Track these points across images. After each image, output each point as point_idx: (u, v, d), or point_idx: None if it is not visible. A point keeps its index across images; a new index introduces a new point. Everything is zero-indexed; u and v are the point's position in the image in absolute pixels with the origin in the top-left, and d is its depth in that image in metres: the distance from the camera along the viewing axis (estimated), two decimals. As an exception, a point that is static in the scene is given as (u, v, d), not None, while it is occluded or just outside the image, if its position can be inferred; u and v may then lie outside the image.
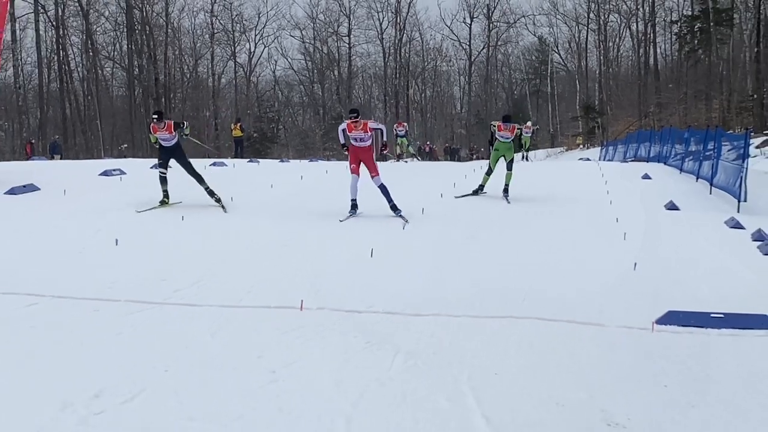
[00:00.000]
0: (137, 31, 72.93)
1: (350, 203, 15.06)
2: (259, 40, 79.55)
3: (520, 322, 8.25)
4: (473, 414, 5.82)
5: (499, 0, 78.56)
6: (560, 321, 8.27)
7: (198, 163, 25.71)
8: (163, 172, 15.39)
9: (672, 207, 16.92)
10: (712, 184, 20.58)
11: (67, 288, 9.20)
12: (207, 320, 8.22)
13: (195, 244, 12.17)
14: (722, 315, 8.36)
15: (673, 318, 8.30)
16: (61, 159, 39.50)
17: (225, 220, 14.15)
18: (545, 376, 6.71)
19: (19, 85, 67.18)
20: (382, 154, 15.07)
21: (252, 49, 79.61)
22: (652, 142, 34.92)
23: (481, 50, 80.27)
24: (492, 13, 79.04)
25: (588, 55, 78.23)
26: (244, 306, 8.81)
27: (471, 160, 48.12)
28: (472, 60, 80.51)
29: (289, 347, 7.35)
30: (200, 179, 15.60)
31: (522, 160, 31.81)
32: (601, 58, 76.87)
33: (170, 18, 75.02)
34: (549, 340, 7.72)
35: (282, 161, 31.99)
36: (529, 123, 43.29)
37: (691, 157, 24.59)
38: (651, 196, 18.36)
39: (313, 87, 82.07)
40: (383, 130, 16.18)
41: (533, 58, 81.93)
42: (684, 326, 8.12)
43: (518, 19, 79.07)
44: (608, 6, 75.21)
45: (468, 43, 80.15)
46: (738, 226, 14.49)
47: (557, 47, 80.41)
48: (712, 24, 62.81)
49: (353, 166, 15.20)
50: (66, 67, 70.89)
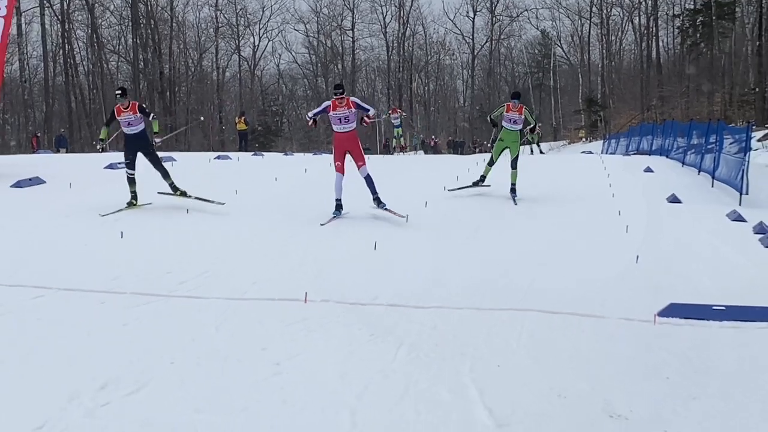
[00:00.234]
0: (142, 25, 72.79)
1: (334, 203, 14.04)
2: (264, 34, 79.40)
3: (522, 314, 8.26)
4: (475, 406, 5.83)
5: (502, -7, 78.58)
6: (562, 313, 8.28)
7: (203, 156, 25.80)
8: (131, 173, 14.28)
9: (674, 200, 16.90)
10: (713, 177, 20.55)
11: (72, 280, 9.22)
12: (212, 313, 8.23)
13: (200, 236, 12.17)
14: (724, 307, 8.37)
15: (674, 310, 8.31)
16: (67, 152, 39.49)
17: (230, 213, 14.14)
18: (547, 367, 6.72)
19: (25, 78, 67.10)
20: (362, 124, 15.12)
21: (256, 43, 79.49)
22: (655, 135, 34.84)
23: (484, 44, 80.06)
24: (495, 7, 78.80)
25: (590, 48, 77.97)
26: (249, 298, 8.83)
27: (474, 153, 48.00)
28: (475, 54, 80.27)
29: (293, 339, 7.37)
30: (166, 174, 14.57)
31: (531, 154, 31.65)
32: (604, 51, 76.60)
33: (175, 12, 74.92)
34: (551, 333, 7.73)
35: (286, 154, 31.91)
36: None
37: (693, 151, 24.54)
38: (653, 189, 18.32)
39: (316, 80, 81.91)
40: (369, 111, 15.39)
41: (536, 51, 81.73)
42: (685, 318, 8.14)
43: (521, 13, 78.81)
44: (611, 0, 75.09)
45: (471, 37, 79.92)
46: (740, 218, 14.48)
47: (560, 41, 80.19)
48: (714, 17, 62.61)
49: (338, 164, 14.26)
50: (71, 60, 70.80)
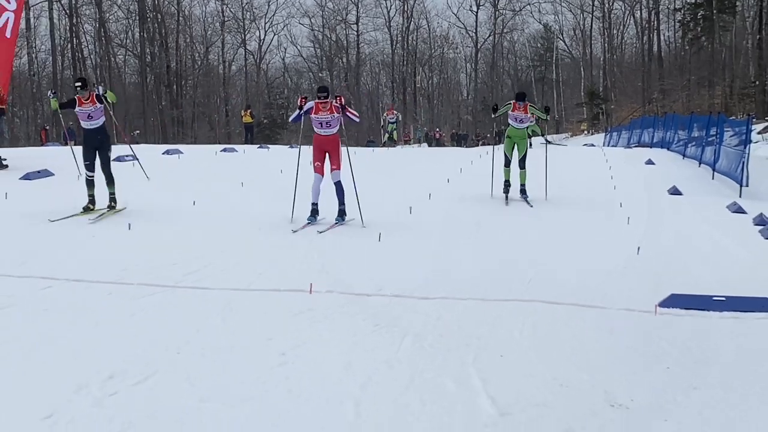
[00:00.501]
0: (149, 19, 72.82)
1: (310, 208, 12.80)
2: (269, 28, 79.44)
3: (525, 305, 8.26)
4: (479, 395, 5.83)
5: (505, -12, 78.46)
6: (564, 304, 8.28)
7: (210, 148, 25.83)
8: (90, 175, 13.20)
9: (675, 192, 16.90)
10: (714, 170, 20.56)
11: (80, 271, 9.22)
12: (218, 303, 8.23)
13: (206, 228, 12.17)
14: (724, 298, 8.36)
15: (675, 301, 8.31)
16: (75, 145, 39.42)
17: (236, 205, 14.15)
18: (549, 357, 6.71)
19: (34, 72, 67.24)
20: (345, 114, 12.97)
21: (262, 37, 79.52)
22: (656, 128, 34.84)
23: (488, 38, 79.93)
24: (498, 1, 78.65)
25: (593, 42, 77.99)
26: (254, 289, 8.82)
27: (477, 145, 47.96)
28: (479, 47, 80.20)
29: (298, 330, 7.37)
30: (111, 181, 13.36)
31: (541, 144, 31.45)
32: (606, 45, 76.59)
33: (181, 6, 74.97)
34: (553, 323, 7.73)
35: (291, 147, 31.91)
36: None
37: (694, 143, 24.56)
38: (654, 181, 18.34)
39: (321, 74, 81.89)
40: (352, 118, 13.27)
41: (538, 45, 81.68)
42: (686, 309, 8.13)
43: (524, 7, 78.77)
44: (613, -6, 74.99)
45: (474, 31, 79.83)
46: (740, 210, 14.48)
47: (562, 34, 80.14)
48: (714, 11, 62.45)
49: (317, 164, 12.93)
50: (79, 54, 70.85)
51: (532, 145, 15.50)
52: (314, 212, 12.73)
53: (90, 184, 13.16)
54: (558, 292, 8.72)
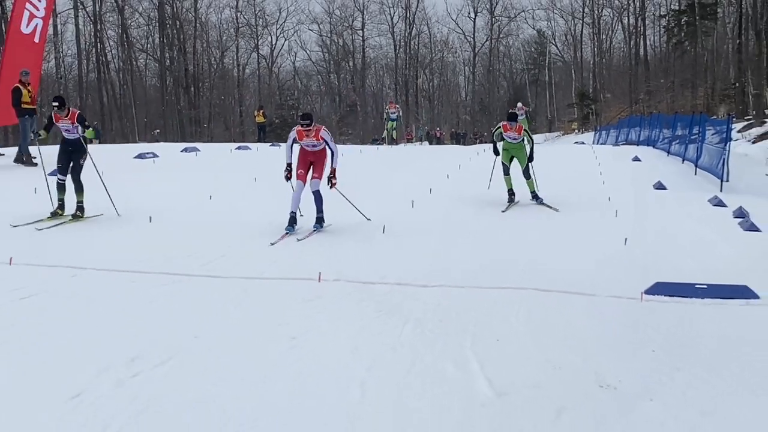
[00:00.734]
0: (168, 26, 72.81)
1: (288, 217, 11.59)
2: (280, 34, 79.49)
3: (520, 292, 8.24)
4: (477, 377, 5.83)
5: (501, -5, 78.47)
6: (556, 291, 8.27)
7: (225, 146, 25.83)
8: (62, 179, 12.41)
9: (660, 187, 16.86)
10: (696, 166, 20.53)
11: (105, 261, 9.23)
12: (233, 291, 8.24)
13: (222, 220, 12.17)
14: (705, 286, 8.35)
15: (660, 289, 8.29)
16: (100, 143, 39.49)
17: (250, 198, 14.15)
18: (543, 341, 6.71)
19: (61, 75, 67.35)
20: (329, 185, 12.02)
21: (273, 42, 79.54)
22: (642, 127, 34.77)
23: (485, 42, 79.88)
24: (494, 8, 78.70)
25: (583, 46, 77.86)
26: (267, 278, 8.82)
27: (475, 144, 47.92)
28: (476, 51, 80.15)
29: (308, 316, 7.37)
30: (80, 189, 12.43)
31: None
32: (595, 49, 76.56)
33: (198, 13, 74.94)
34: (546, 309, 7.72)
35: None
36: (520, 104, 38.42)
37: (678, 141, 24.50)
38: (640, 177, 18.30)
39: (329, 77, 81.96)
40: (335, 152, 12.15)
41: (532, 49, 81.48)
42: (670, 296, 8.12)
43: (518, 14, 78.66)
44: (602, 1, 74.75)
45: (472, 36, 79.83)
46: (721, 204, 14.44)
47: (554, 39, 79.97)
48: (697, 18, 62.34)
49: (300, 172, 11.90)
50: (103, 58, 70.93)
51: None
52: (292, 221, 11.53)
53: (61, 188, 12.43)
54: (550, 280, 8.70)
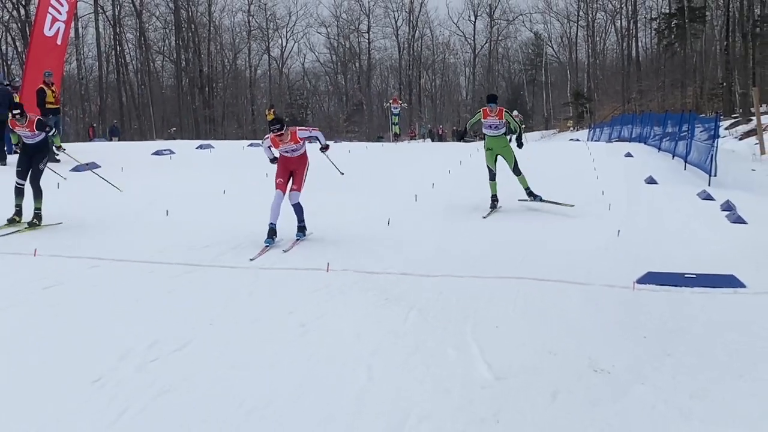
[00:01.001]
0: (184, 29, 72.72)
1: (268, 228, 10.31)
2: (290, 36, 79.37)
3: (518, 282, 8.24)
4: (477, 361, 5.83)
5: (500, 0, 78.36)
6: (552, 281, 8.26)
7: (238, 144, 25.79)
8: (20, 183, 11.36)
9: (651, 181, 16.82)
10: (686, 161, 20.46)
11: (124, 252, 9.25)
12: (245, 280, 8.26)
13: (235, 213, 12.18)
14: (694, 275, 8.34)
15: (651, 278, 8.29)
16: (119, 140, 39.60)
17: (261, 193, 14.13)
18: (539, 328, 6.71)
19: (82, 76, 67.36)
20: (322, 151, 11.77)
21: (284, 44, 79.45)
22: (634, 124, 34.66)
23: (484, 44, 79.76)
24: (494, 12, 78.55)
25: (578, 48, 77.65)
26: (278, 268, 8.84)
27: (474, 141, 47.82)
28: (476, 53, 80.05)
29: (316, 304, 7.38)
30: (39, 196, 11.36)
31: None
32: (590, 51, 76.34)
33: (212, 17, 74.95)
34: (542, 298, 7.72)
35: (310, 142, 31.86)
36: (516, 112, 39.11)
37: (668, 138, 24.43)
38: (633, 172, 18.24)
39: (337, 77, 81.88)
40: (319, 137, 11.51)
41: (530, 51, 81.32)
42: (661, 285, 8.11)
43: (516, 17, 78.47)
44: (596, 5, 74.60)
45: (473, 38, 79.71)
46: (709, 197, 14.41)
47: (551, 41, 79.73)
48: (686, 20, 62.13)
49: (280, 180, 10.76)
50: (122, 60, 70.95)
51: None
52: (272, 233, 10.26)
53: (19, 193, 11.38)
54: (547, 270, 8.71)
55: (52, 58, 19.72)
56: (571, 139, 43.04)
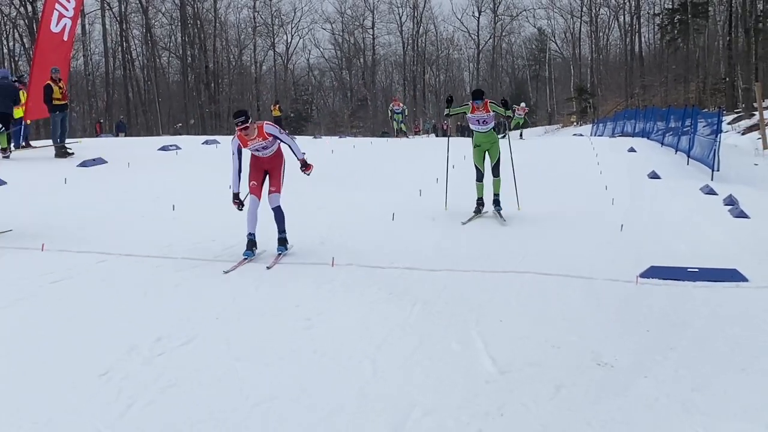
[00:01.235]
0: (190, 25, 72.78)
1: (246, 239, 9.19)
2: (295, 32, 79.46)
3: (521, 276, 8.24)
4: (481, 355, 5.84)
5: (503, -5, 78.30)
6: (556, 275, 8.26)
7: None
8: None
9: (654, 176, 16.81)
10: (689, 156, 20.45)
11: (131, 247, 9.25)
12: (252, 275, 8.25)
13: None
14: (697, 269, 8.33)
15: (654, 272, 8.28)
16: (126, 136, 39.63)
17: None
18: (543, 322, 6.71)
19: (89, 72, 67.54)
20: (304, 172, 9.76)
21: (289, 40, 79.55)
22: (637, 119, 34.65)
23: (488, 40, 79.71)
24: (497, 8, 78.50)
25: (581, 43, 77.68)
26: (284, 262, 8.83)
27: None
28: (480, 49, 80.00)
29: (322, 298, 7.38)
30: None
31: (519, 138, 30.42)
32: (593, 46, 76.35)
33: (218, 13, 74.95)
34: (546, 292, 7.72)
35: (315, 137, 31.88)
36: (523, 104, 38.47)
37: (671, 133, 24.41)
38: (636, 167, 18.23)
39: (341, 73, 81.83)
40: (292, 147, 9.53)
41: (533, 46, 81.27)
42: (664, 279, 8.11)
43: (520, 13, 78.42)
44: (599, 0, 74.71)
45: (476, 34, 79.66)
46: (712, 192, 14.40)
47: (554, 37, 79.76)
48: (690, 16, 62.06)
49: (253, 183, 9.59)
50: (128, 56, 71.06)
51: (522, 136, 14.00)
52: (251, 245, 9.13)
53: None
54: (550, 264, 8.70)
55: (59, 54, 19.71)
56: (574, 135, 43.02)
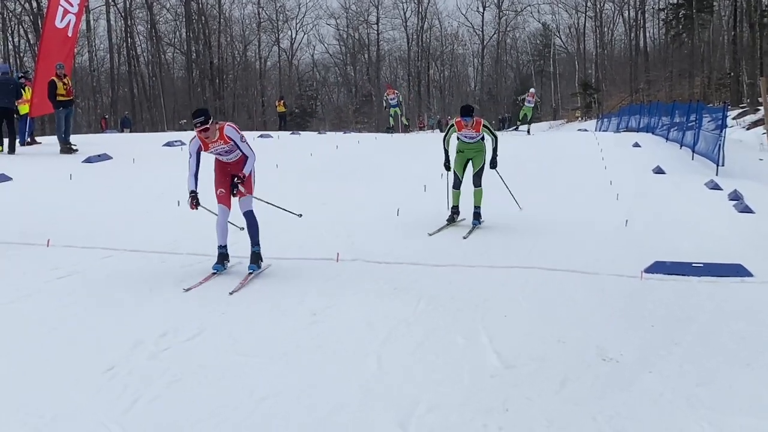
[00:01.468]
0: (194, 21, 72.74)
1: (217, 253, 8.31)
2: (300, 28, 79.54)
3: (526, 271, 8.24)
4: (486, 350, 5.84)
5: (508, -10, 78.16)
6: (561, 270, 8.26)
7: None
8: None
9: (659, 171, 16.77)
10: (693, 151, 20.40)
11: (136, 242, 9.27)
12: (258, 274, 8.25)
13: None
14: (702, 264, 8.33)
15: (659, 267, 8.27)
16: (131, 132, 39.68)
17: (272, 183, 14.13)
18: (548, 317, 6.71)
19: (94, 68, 67.48)
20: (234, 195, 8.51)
21: (293, 36, 79.61)
22: (642, 114, 34.59)
23: (492, 35, 79.63)
24: (502, 3, 78.34)
25: (585, 39, 77.61)
26: (289, 258, 8.84)
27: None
28: (485, 44, 79.90)
29: (327, 293, 7.38)
30: None
31: (526, 134, 30.11)
32: (597, 41, 76.13)
33: (223, 9, 74.97)
34: (551, 287, 7.71)
35: (320, 133, 31.91)
36: (532, 90, 32.87)
37: (676, 128, 24.36)
38: (640, 162, 18.20)
39: (346, 68, 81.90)
40: (248, 158, 8.66)
41: (538, 42, 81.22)
42: (668, 274, 8.10)
43: (525, 8, 78.35)
44: (604, -5, 74.63)
45: (481, 29, 79.57)
46: (716, 187, 14.36)
47: (559, 32, 79.65)
48: (694, 11, 61.87)
49: (221, 191, 8.69)
50: (133, 52, 71.10)
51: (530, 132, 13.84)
52: (222, 258, 8.29)
53: None
54: (555, 259, 8.70)
55: (63, 49, 19.72)
56: (579, 130, 42.89)
